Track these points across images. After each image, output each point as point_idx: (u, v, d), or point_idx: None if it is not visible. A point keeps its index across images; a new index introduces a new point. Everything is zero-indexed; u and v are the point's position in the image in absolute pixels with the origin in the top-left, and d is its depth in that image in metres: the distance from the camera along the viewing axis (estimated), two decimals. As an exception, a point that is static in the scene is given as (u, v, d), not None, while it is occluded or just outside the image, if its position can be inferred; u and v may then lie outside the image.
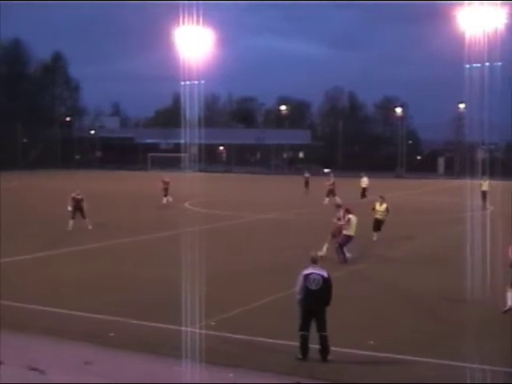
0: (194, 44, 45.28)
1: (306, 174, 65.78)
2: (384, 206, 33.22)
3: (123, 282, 23.28)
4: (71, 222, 35.58)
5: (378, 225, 33.13)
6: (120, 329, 17.40)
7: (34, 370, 14.24)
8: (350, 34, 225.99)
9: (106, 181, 79.76)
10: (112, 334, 16.88)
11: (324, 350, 15.20)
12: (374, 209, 33.37)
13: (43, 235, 34.12)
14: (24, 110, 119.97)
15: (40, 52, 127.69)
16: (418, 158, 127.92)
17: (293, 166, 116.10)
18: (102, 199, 50.19)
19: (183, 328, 16.59)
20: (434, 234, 36.30)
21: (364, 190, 56.05)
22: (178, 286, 19.75)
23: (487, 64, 27.66)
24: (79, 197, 36.21)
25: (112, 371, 14.53)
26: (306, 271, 15.57)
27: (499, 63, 27.80)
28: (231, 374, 14.29)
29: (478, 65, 27.76)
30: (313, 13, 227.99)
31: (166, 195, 51.10)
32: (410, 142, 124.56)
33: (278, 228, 38.66)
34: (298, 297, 15.55)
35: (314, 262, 15.83)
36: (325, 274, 15.51)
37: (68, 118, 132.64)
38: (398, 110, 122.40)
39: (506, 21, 36.92)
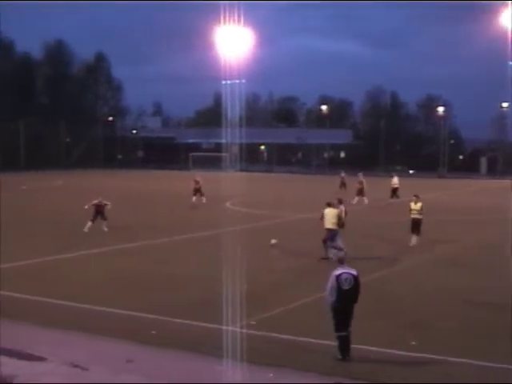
0: (234, 44, 45.38)
1: (342, 174, 63.83)
2: (419, 204, 31.75)
3: (164, 281, 23.46)
4: (89, 224, 35.27)
5: (415, 226, 31.51)
6: (161, 327, 17.53)
7: (77, 366, 14.40)
8: (393, 32, 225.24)
9: (147, 180, 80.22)
10: (153, 332, 17.01)
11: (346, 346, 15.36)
12: (410, 209, 31.96)
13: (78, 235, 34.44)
14: (67, 109, 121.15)
15: (83, 52, 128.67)
16: (460, 157, 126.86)
17: (334, 165, 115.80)
18: (142, 198, 50.54)
19: (224, 327, 16.66)
20: (476, 237, 35.81)
21: (394, 190, 54.70)
22: (220, 284, 19.80)
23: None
24: (102, 203, 36.12)
25: (153, 369, 14.63)
26: (337, 272, 15.62)
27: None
28: (271, 374, 14.33)
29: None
30: (354, 12, 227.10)
31: (195, 194, 50.67)
32: (452, 141, 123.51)
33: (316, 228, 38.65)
34: (331, 298, 15.54)
35: (341, 262, 15.98)
36: (355, 272, 15.65)
37: (111, 118, 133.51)
38: (440, 109, 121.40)
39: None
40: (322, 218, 27.77)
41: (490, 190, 67.80)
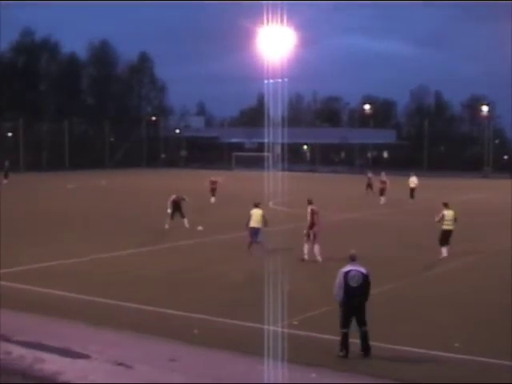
0: (277, 43, 45.38)
1: (369, 175, 61.50)
2: (451, 213, 28.66)
3: (209, 279, 23.62)
4: (169, 221, 35.98)
5: (446, 237, 28.40)
6: (204, 326, 17.63)
7: (121, 364, 14.54)
8: (437, 32, 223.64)
9: (191, 179, 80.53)
10: (196, 331, 17.11)
11: (365, 345, 15.42)
12: (440, 220, 28.61)
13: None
14: (112, 110, 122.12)
15: (127, 53, 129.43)
16: (505, 157, 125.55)
17: (377, 165, 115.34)
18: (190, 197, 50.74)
19: (266, 326, 16.68)
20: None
21: (412, 190, 54.19)
22: (264, 283, 19.85)
23: None
24: (178, 198, 36.58)
25: (195, 369, 14.72)
26: (345, 269, 15.73)
27: None
28: (314, 374, 14.34)
29: None
30: (399, 11, 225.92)
31: (213, 195, 50.73)
32: (497, 141, 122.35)
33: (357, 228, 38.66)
34: (339, 295, 15.66)
35: (353, 259, 15.96)
36: (364, 270, 15.69)
37: (154, 118, 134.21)
38: (485, 109, 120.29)
39: None
40: (250, 217, 29.12)
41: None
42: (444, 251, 28.25)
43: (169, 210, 36.09)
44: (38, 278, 23.02)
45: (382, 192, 53.36)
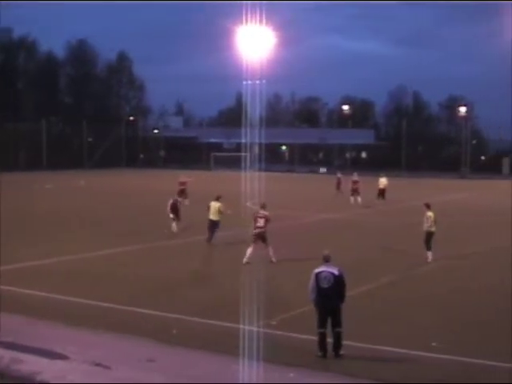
0: (257, 44, 45.41)
1: (338, 175, 61.24)
2: (432, 215, 27.97)
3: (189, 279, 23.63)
4: (175, 224, 35.22)
5: (428, 238, 27.93)
6: (182, 326, 17.64)
7: (99, 365, 14.52)
8: (416, 32, 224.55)
9: (167, 180, 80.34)
10: (175, 332, 17.11)
11: (337, 345, 15.45)
12: (430, 223, 27.87)
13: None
14: (90, 109, 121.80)
15: (105, 52, 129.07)
16: (483, 158, 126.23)
17: (355, 165, 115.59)
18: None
19: (242, 326, 16.65)
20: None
21: (381, 190, 53.06)
22: (240, 284, 19.85)
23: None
24: (176, 201, 36.14)
25: (173, 369, 14.72)
26: (318, 269, 15.78)
27: None
28: (292, 374, 14.38)
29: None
30: (378, 11, 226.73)
31: (181, 196, 45.19)
32: (475, 141, 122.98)
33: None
34: (311, 295, 15.78)
35: (327, 260, 15.94)
36: (336, 271, 15.66)
37: (132, 118, 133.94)
38: (463, 110, 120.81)
39: None
40: (208, 209, 31.30)
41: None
42: (430, 255, 27.69)
43: (171, 215, 35.63)
44: (16, 279, 22.92)
45: (353, 192, 53.14)
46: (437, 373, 14.67)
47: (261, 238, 26.66)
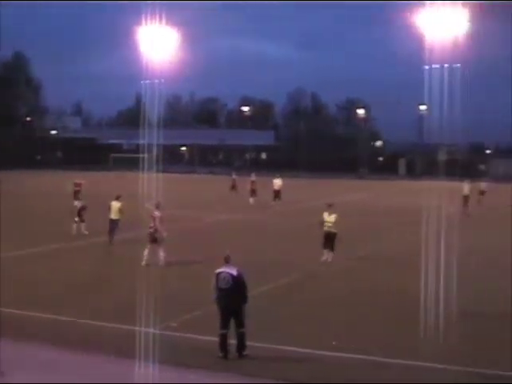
0: (156, 44, 45.05)
1: (233, 176, 61.88)
2: (333, 216, 27.64)
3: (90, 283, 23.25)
4: (82, 226, 35.02)
5: (329, 239, 27.49)
6: (80, 330, 17.36)
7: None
8: (315, 34, 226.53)
9: (62, 181, 79.15)
10: (74, 335, 16.83)
11: (240, 346, 15.52)
12: (322, 222, 27.71)
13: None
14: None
15: (1, 52, 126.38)
16: (380, 159, 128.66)
17: (255, 166, 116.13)
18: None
19: (138, 328, 16.51)
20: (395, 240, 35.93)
21: (276, 192, 52.70)
22: (138, 286, 19.65)
23: (447, 65, 27.91)
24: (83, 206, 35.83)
25: (70, 372, 14.46)
26: (218, 270, 15.87)
27: (458, 65, 28.01)
28: (192, 376, 14.31)
29: (438, 66, 27.99)
30: (278, 13, 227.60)
31: (77, 198, 43.17)
32: (373, 143, 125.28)
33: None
34: (214, 295, 15.87)
35: (227, 261, 15.99)
36: (235, 272, 15.71)
37: (29, 118, 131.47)
38: (361, 112, 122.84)
39: (466, 22, 37.11)
40: (109, 209, 31.83)
41: (408, 191, 68.75)
42: (327, 254, 27.43)
43: (76, 218, 35.09)
44: None
45: (252, 193, 53.87)
46: (338, 372, 14.86)
47: (153, 238, 26.43)
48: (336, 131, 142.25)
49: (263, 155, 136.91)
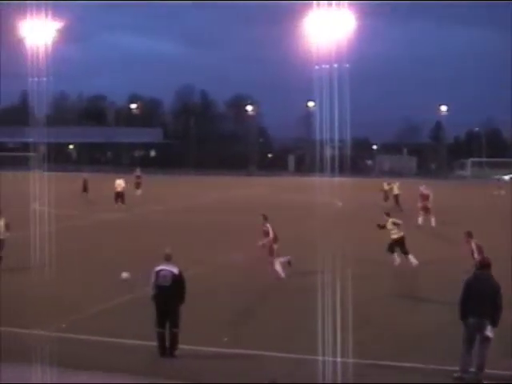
0: (42, 41, 44.21)
1: (84, 175, 59.03)
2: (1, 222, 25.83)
3: None
4: None
5: None
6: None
7: None
8: (205, 33, 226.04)
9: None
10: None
11: (172, 345, 15.47)
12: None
13: None
14: None
15: None
16: (269, 155, 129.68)
17: (145, 164, 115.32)
18: None
19: (28, 331, 16.25)
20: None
21: (118, 194, 48.65)
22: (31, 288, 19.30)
23: (336, 66, 28.33)
24: None
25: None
26: (158, 268, 15.76)
27: (347, 65, 28.47)
28: (85, 376, 14.15)
29: (327, 66, 28.39)
30: (169, 11, 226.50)
31: None
32: (262, 140, 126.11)
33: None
34: (151, 293, 15.75)
35: (167, 259, 15.94)
36: (175, 270, 15.67)
37: None
38: (249, 108, 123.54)
39: (354, 23, 37.69)
40: None
41: (297, 187, 69.45)
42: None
43: None
44: None
45: (137, 186, 58.14)
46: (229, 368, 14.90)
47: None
48: (225, 128, 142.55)
49: (152, 153, 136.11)
